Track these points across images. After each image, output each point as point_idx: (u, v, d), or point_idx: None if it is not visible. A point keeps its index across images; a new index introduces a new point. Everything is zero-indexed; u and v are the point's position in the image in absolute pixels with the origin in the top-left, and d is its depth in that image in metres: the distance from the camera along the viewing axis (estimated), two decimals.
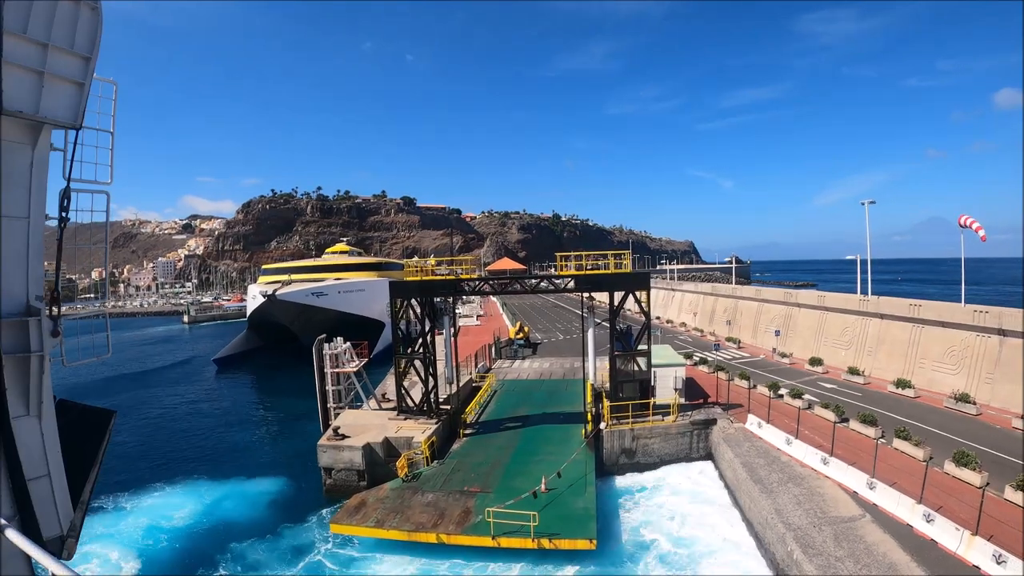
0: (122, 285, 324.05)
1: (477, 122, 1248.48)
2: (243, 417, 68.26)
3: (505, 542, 29.07)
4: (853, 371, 55.74)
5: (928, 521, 26.02)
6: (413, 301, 46.15)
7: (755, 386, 50.33)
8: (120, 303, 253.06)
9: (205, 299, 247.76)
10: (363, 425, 42.76)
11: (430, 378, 44.86)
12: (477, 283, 47.13)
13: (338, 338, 48.46)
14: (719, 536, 31.70)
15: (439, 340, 51.43)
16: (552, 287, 45.00)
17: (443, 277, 49.52)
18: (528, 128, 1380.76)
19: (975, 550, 23.62)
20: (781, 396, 47.24)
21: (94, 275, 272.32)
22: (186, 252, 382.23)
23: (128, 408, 70.07)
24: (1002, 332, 45.33)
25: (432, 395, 44.85)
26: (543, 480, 33.89)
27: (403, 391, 45.31)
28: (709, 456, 41.50)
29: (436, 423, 42.89)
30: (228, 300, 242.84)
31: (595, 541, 28.65)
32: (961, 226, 52.80)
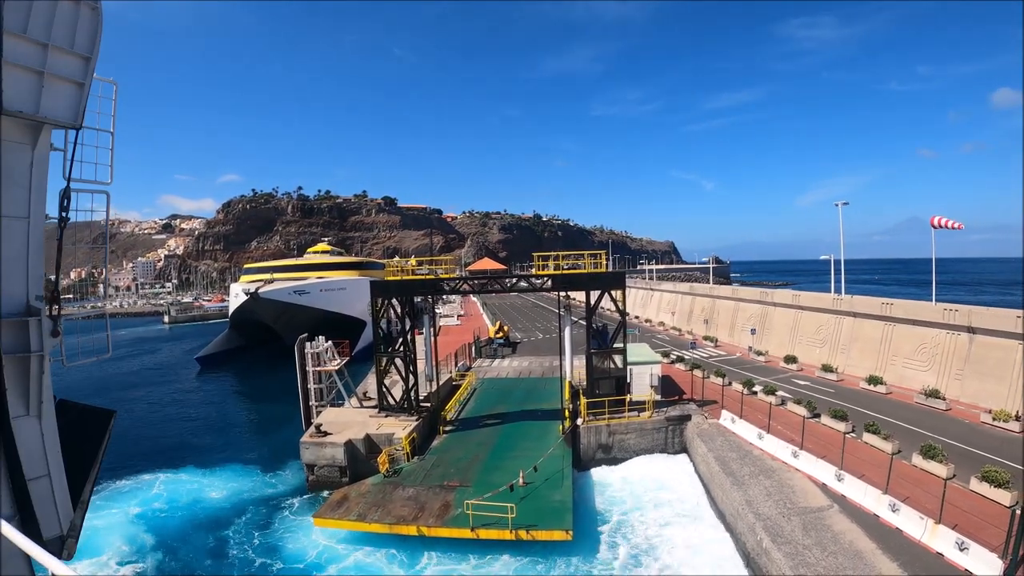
0: (101, 285, 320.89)
1: (460, 123, 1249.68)
2: (225, 415, 68.59)
3: (484, 534, 29.68)
4: (827, 368, 56.78)
5: (894, 511, 26.90)
6: (394, 300, 46.52)
7: (730, 383, 51.26)
8: (100, 303, 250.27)
9: (185, 299, 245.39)
10: (345, 422, 43.19)
11: (411, 376, 45.34)
12: (457, 283, 47.61)
13: (320, 336, 48.80)
14: (693, 527, 32.52)
15: (419, 339, 51.91)
16: (530, 287, 45.60)
17: (423, 276, 49.87)
18: (511, 129, 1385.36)
19: (939, 538, 24.48)
20: (755, 393, 48.12)
21: (73, 275, 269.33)
22: (166, 252, 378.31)
23: (111, 406, 70.02)
24: (971, 330, 46.45)
25: (412, 393, 45.34)
26: (520, 474, 34.53)
27: (384, 389, 45.72)
28: (684, 451, 42.33)
29: (416, 420, 43.39)
30: (208, 300, 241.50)
31: (571, 532, 29.30)
32: (934, 227, 53.97)
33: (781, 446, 35.76)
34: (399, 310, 46.77)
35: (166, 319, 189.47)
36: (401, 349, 45.88)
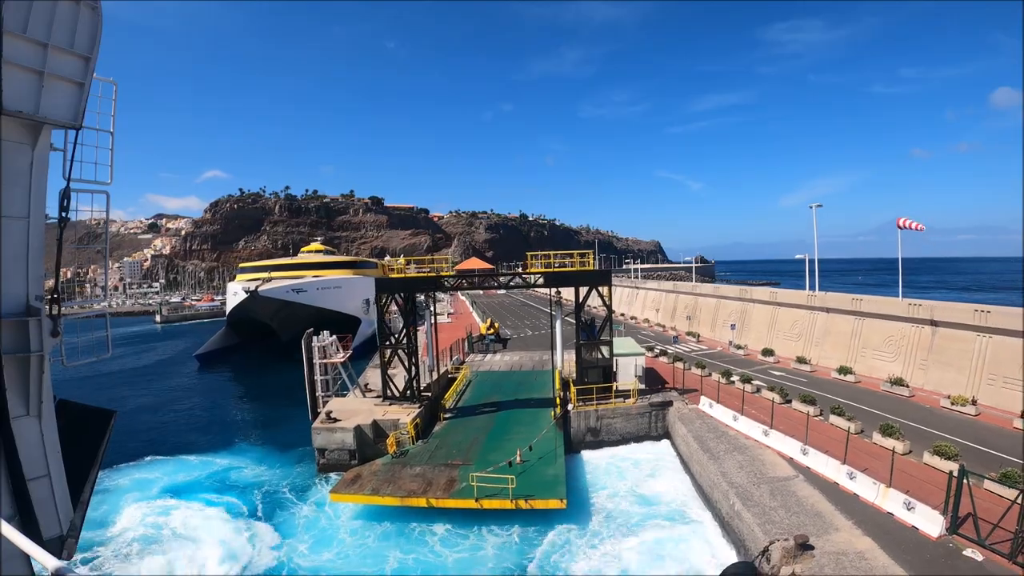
0: (88, 286, 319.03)
1: (447, 123, 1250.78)
2: (230, 408, 71.36)
3: (487, 504, 32.76)
4: (801, 360, 60.22)
5: (851, 479, 30.28)
6: (396, 296, 49.47)
7: (709, 374, 54.69)
8: (89, 304, 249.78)
9: (173, 299, 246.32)
10: (352, 410, 46.01)
11: (412, 367, 48.38)
12: (455, 280, 50.57)
13: (324, 332, 51.62)
14: (674, 498, 35.93)
15: (418, 334, 54.78)
16: (524, 283, 48.65)
17: (425, 275, 52.77)
18: (498, 129, 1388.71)
19: (889, 500, 27.78)
20: (732, 382, 51.52)
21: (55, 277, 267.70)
22: (152, 252, 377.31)
23: (119, 402, 73.04)
24: (934, 323, 49.93)
25: (414, 382, 48.41)
26: (518, 453, 37.75)
27: (388, 379, 48.77)
28: (666, 433, 45.71)
29: (419, 407, 46.28)
30: (198, 300, 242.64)
31: (565, 501, 32.45)
32: (900, 227, 57.68)
33: (754, 427, 39.17)
34: (402, 305, 49.79)
35: (158, 318, 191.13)
36: (404, 341, 48.90)
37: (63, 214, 10.22)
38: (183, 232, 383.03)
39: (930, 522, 25.48)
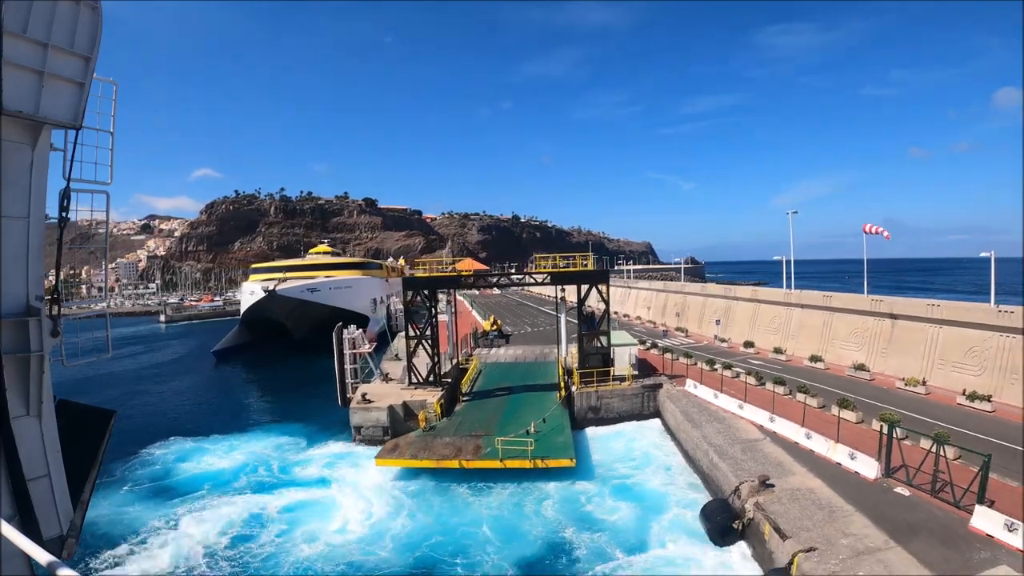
0: (84, 287, 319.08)
1: (439, 123, 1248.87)
2: (262, 397, 77.21)
3: (510, 463, 39.28)
4: (778, 350, 66.87)
5: (808, 438, 37.07)
6: (421, 293, 55.88)
7: (695, 363, 61.11)
8: (85, 305, 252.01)
9: (171, 300, 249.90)
10: (382, 393, 52.34)
11: (435, 355, 54.80)
12: (472, 279, 57.21)
13: (351, 325, 57.62)
14: (663, 461, 42.80)
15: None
16: (534, 281, 55.36)
17: (447, 274, 59.07)
18: (489, 131, 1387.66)
19: (837, 453, 34.50)
20: (715, 369, 58.17)
21: (53, 276, 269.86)
22: (146, 253, 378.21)
23: (147, 395, 79.10)
24: (893, 316, 56.65)
25: (437, 368, 54.79)
26: (532, 424, 44.48)
27: (412, 366, 55.04)
28: (657, 412, 52.34)
29: (442, 390, 52.70)
30: (196, 301, 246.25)
31: (575, 460, 39.20)
32: (865, 232, 64.63)
33: (731, 402, 46.08)
34: (419, 302, 56.40)
35: (162, 318, 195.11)
36: (428, 333, 55.32)
37: (63, 214, 10.40)
38: (177, 233, 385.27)
39: (869, 468, 32.11)
